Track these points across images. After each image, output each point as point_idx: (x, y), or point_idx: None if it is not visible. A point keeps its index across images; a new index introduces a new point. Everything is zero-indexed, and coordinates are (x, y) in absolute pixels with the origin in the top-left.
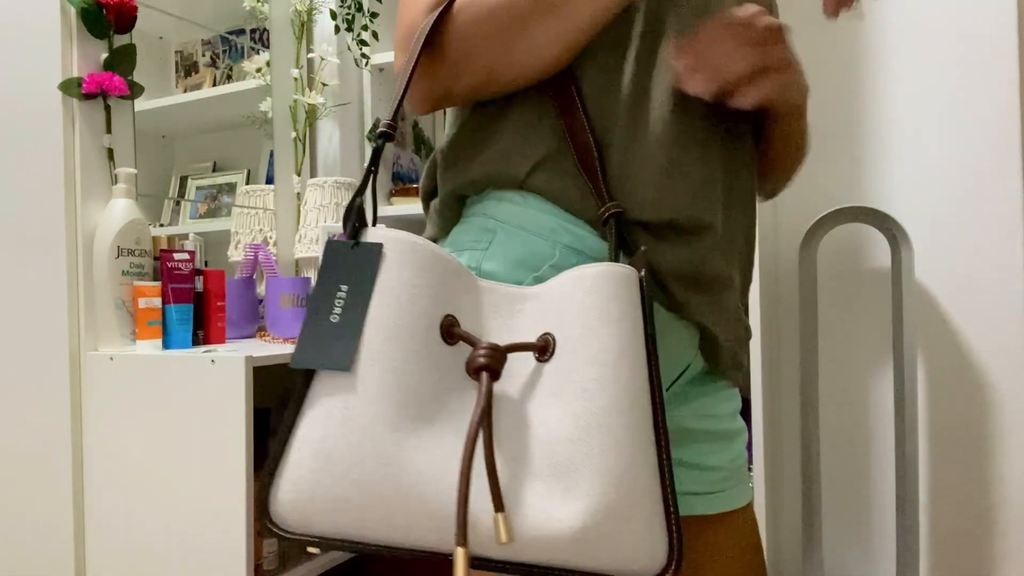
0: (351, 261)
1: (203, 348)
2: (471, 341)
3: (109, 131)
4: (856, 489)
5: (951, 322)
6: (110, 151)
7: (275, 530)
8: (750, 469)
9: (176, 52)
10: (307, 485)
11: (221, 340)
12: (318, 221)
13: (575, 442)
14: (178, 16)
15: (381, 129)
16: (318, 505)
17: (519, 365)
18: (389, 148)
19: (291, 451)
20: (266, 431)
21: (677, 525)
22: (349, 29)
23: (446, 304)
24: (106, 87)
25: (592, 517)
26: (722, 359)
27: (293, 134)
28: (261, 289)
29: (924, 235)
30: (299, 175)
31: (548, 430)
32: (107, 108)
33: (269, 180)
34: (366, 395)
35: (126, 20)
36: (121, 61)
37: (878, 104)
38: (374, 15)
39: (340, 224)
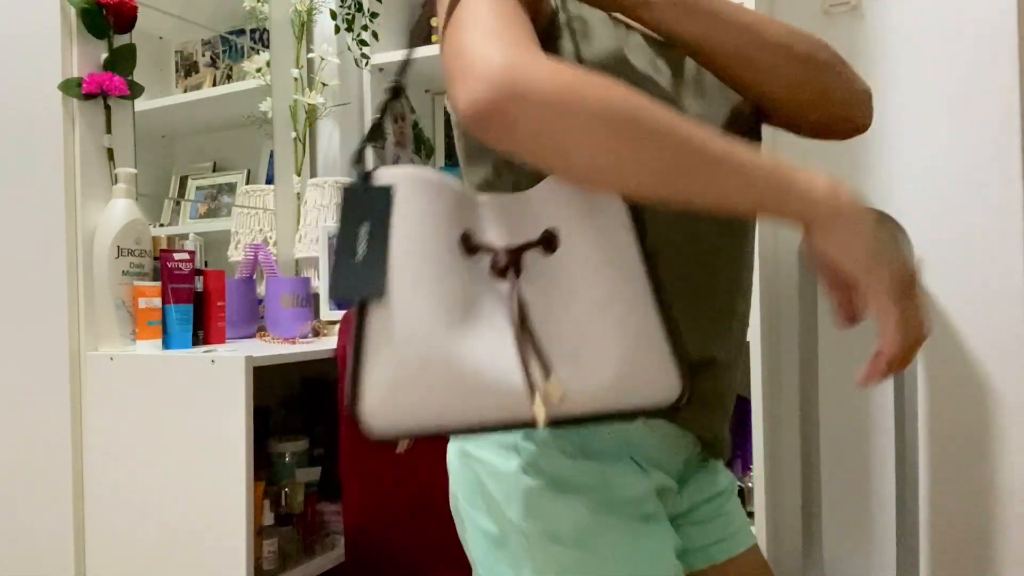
0: (366, 202)
1: (203, 348)
2: (489, 248)
3: (109, 131)
4: (856, 489)
5: (951, 322)
6: (110, 151)
7: (372, 436)
8: (750, 469)
9: (176, 52)
10: (390, 398)
11: (221, 340)
12: (318, 221)
13: (595, 318)
14: (178, 16)
15: (390, 85)
16: (402, 409)
17: (530, 261)
18: (389, 148)
19: (366, 376)
20: (266, 431)
21: (683, 363)
22: (349, 29)
23: (459, 222)
24: (106, 87)
25: (621, 367)
26: (719, 449)
27: (293, 134)
28: (261, 289)
29: (924, 235)
30: (299, 175)
31: (558, 319)
32: (107, 108)
33: (269, 180)
34: (418, 312)
35: (126, 20)
36: (121, 61)
37: (878, 104)
38: (374, 15)
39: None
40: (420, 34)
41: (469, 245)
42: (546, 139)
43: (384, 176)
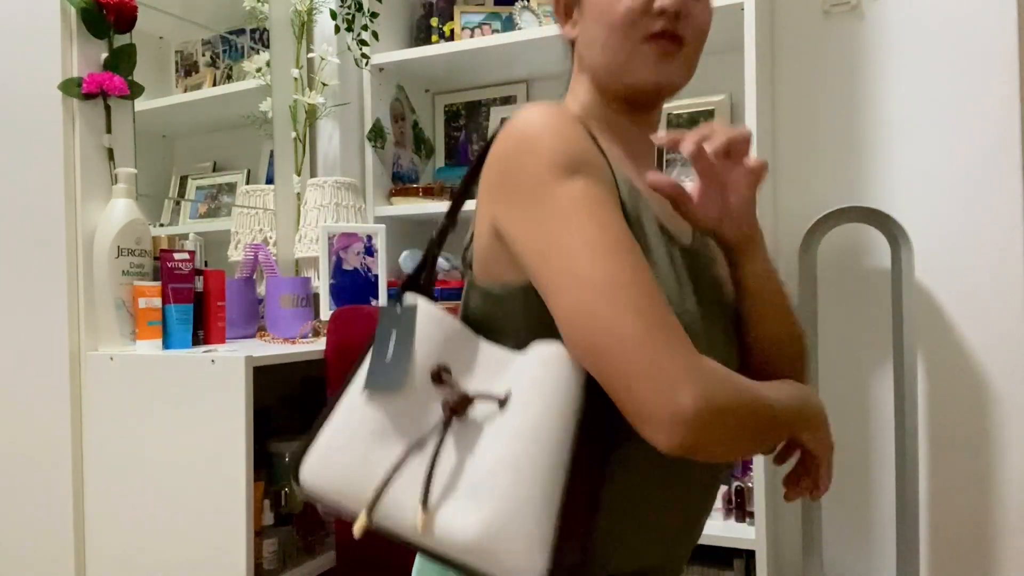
0: (396, 318)
1: (203, 348)
2: (450, 385)
3: (109, 131)
4: (856, 489)
5: (951, 322)
6: (110, 151)
7: (298, 488)
8: (750, 469)
9: (176, 52)
10: (317, 469)
11: (221, 340)
12: (318, 221)
13: (491, 472)
14: (178, 16)
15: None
16: (327, 478)
17: (487, 410)
18: (389, 148)
19: (317, 439)
20: (266, 431)
21: (558, 553)
22: (349, 29)
23: (442, 356)
24: (106, 87)
25: (485, 531)
26: None
27: (293, 134)
28: (261, 289)
29: (924, 235)
30: (299, 175)
31: (482, 460)
32: (107, 108)
33: (269, 180)
34: (369, 413)
35: (126, 20)
36: (121, 61)
37: (878, 104)
38: (374, 15)
39: (340, 224)
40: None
41: (439, 377)
42: (724, 446)
43: (411, 299)
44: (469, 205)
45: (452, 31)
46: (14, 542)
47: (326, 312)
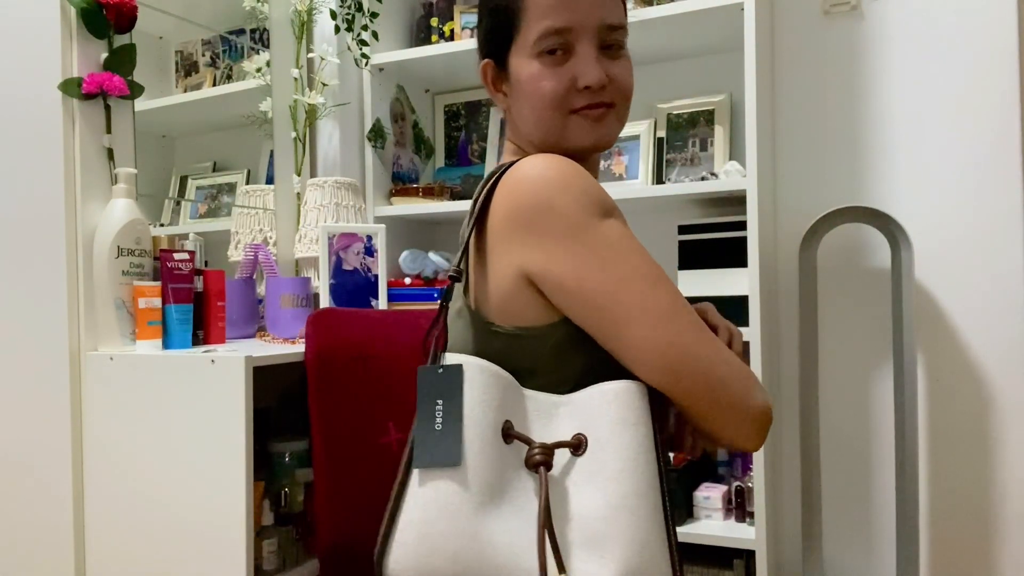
0: (440, 381)
1: (203, 348)
2: (526, 441)
3: (109, 131)
4: (856, 489)
5: (951, 322)
6: (110, 151)
7: None
8: (750, 469)
9: (176, 52)
10: (413, 559)
11: (221, 340)
12: (318, 221)
13: (607, 519)
14: (178, 16)
15: (451, 272)
16: (423, 569)
17: (559, 457)
18: (389, 148)
19: (397, 530)
20: (266, 431)
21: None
22: (349, 29)
23: (505, 412)
24: (106, 87)
25: (627, 567)
26: None
27: (293, 134)
28: (261, 289)
29: (924, 235)
30: (299, 175)
31: (585, 508)
32: (107, 108)
33: (269, 180)
34: (455, 488)
35: (126, 20)
36: (121, 61)
37: (878, 104)
38: (374, 15)
39: (340, 224)
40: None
41: (508, 434)
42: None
43: (453, 359)
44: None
45: (452, 31)
46: (14, 542)
47: None
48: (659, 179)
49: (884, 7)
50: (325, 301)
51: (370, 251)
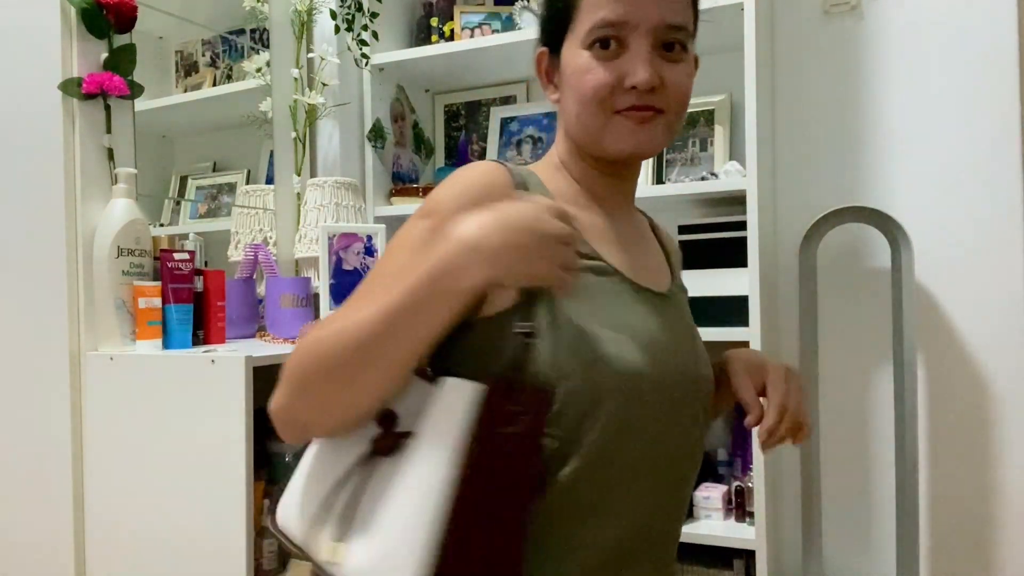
0: None
1: (203, 348)
2: (385, 426)
3: (109, 131)
4: (856, 489)
5: (951, 322)
6: (110, 151)
7: (273, 530)
8: (750, 469)
9: (176, 52)
10: (285, 505)
11: (221, 340)
12: (318, 221)
13: (387, 509)
14: (178, 16)
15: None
16: (288, 517)
17: (407, 447)
18: (390, 148)
19: (291, 480)
20: (266, 431)
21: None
22: (349, 29)
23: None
24: (106, 87)
25: (370, 559)
26: None
27: (293, 134)
28: (261, 289)
29: (924, 235)
30: (299, 175)
31: (395, 496)
32: (107, 108)
33: (269, 180)
34: (321, 456)
35: (126, 20)
36: (121, 61)
37: (878, 104)
38: (374, 15)
39: (340, 224)
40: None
41: (380, 420)
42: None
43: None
44: None
45: (452, 31)
46: (14, 542)
47: (326, 312)
48: (659, 179)
49: (884, 7)
50: (325, 301)
51: (370, 251)
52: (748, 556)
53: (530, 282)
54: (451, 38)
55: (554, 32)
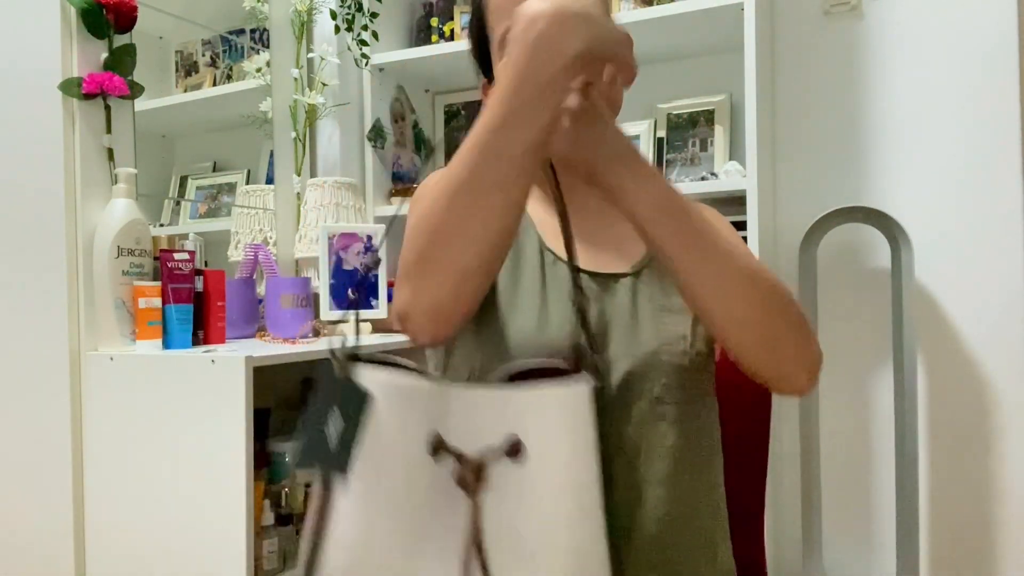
0: (343, 394)
1: (203, 348)
2: (457, 455)
3: (109, 131)
4: (856, 489)
5: (951, 322)
6: (110, 151)
7: None
8: None
9: (176, 52)
10: None
11: (221, 340)
12: (318, 221)
13: (545, 535)
14: (178, 16)
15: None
16: None
17: (494, 470)
18: (390, 148)
19: (327, 557)
20: (266, 431)
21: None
22: (349, 29)
23: (429, 421)
24: (106, 87)
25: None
26: None
27: (293, 134)
28: (261, 289)
29: (924, 235)
30: (299, 175)
31: (520, 525)
32: (107, 108)
33: (269, 180)
34: (380, 518)
35: (126, 20)
36: (121, 61)
37: (878, 104)
38: (374, 15)
39: (340, 224)
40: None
41: (435, 447)
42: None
43: (364, 378)
44: None
45: (452, 31)
46: (14, 542)
47: (326, 312)
48: None
49: (884, 7)
50: (325, 301)
51: (370, 251)
52: None
53: (616, 49)
54: (451, 38)
55: (483, 60)
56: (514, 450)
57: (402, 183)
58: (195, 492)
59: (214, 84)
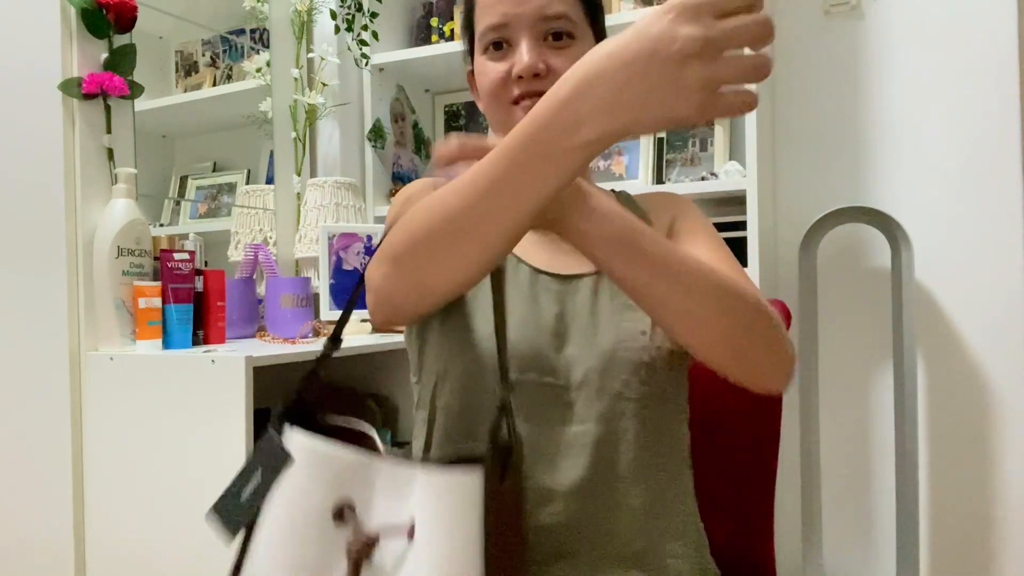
0: (269, 454)
1: (203, 348)
2: (352, 524)
3: (109, 131)
4: (856, 489)
5: (951, 322)
6: (110, 151)
7: None
8: None
9: (176, 52)
10: None
11: (221, 340)
12: (318, 221)
13: None
14: (178, 16)
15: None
16: None
17: (387, 545)
18: (389, 148)
19: None
20: (266, 431)
21: None
22: (349, 29)
23: (341, 490)
24: (106, 87)
25: None
26: None
27: (293, 134)
28: (261, 289)
29: (924, 235)
30: (299, 175)
31: None
32: (107, 108)
33: (269, 180)
34: (276, 570)
35: (126, 20)
36: (121, 61)
37: (878, 104)
38: (374, 15)
39: (340, 224)
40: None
41: (337, 512)
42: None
43: (290, 440)
44: None
45: (452, 31)
46: (14, 542)
47: (326, 312)
48: (659, 179)
49: (884, 7)
50: (325, 301)
51: (370, 251)
52: None
53: (672, 125)
54: (451, 38)
55: (469, 52)
56: (411, 531)
57: (402, 183)
58: (195, 492)
59: (214, 84)
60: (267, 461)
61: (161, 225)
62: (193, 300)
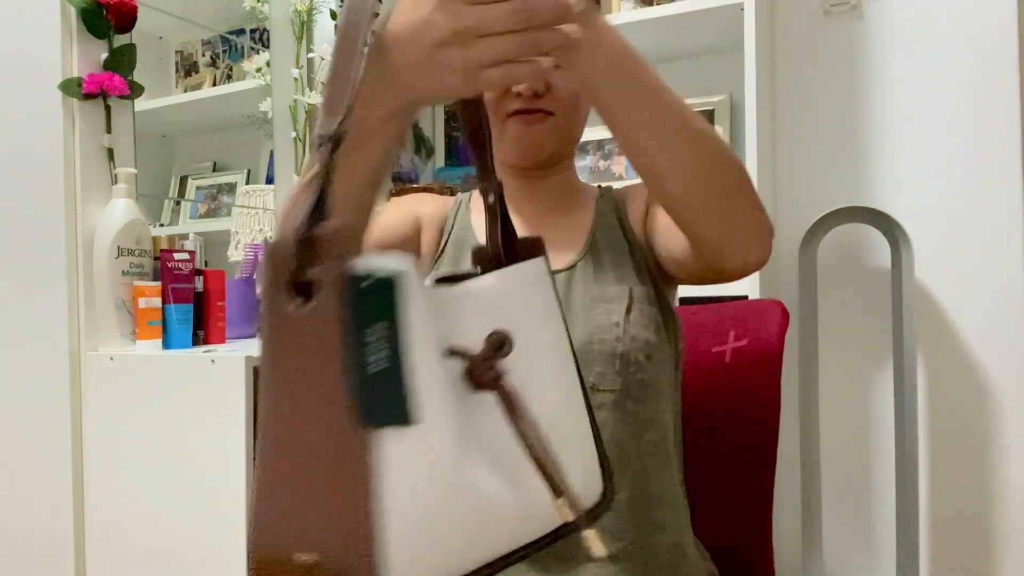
0: (371, 298)
1: (203, 348)
2: (464, 355)
3: (109, 131)
4: (856, 489)
5: (951, 322)
6: (110, 151)
7: None
8: None
9: (176, 52)
10: (418, 557)
11: (221, 340)
12: None
13: (560, 423)
14: (178, 16)
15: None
16: (430, 565)
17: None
18: None
19: (388, 530)
20: None
21: (605, 466)
22: None
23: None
24: (106, 87)
25: (584, 484)
26: None
27: (293, 134)
28: None
29: (924, 235)
30: (299, 175)
31: (539, 408)
32: (107, 108)
33: (269, 180)
34: (440, 447)
35: (126, 20)
36: (121, 61)
37: (878, 104)
38: (375, 15)
39: None
40: None
41: (452, 350)
42: None
43: (379, 265)
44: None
45: None
46: (14, 542)
47: None
48: None
49: (884, 7)
50: None
51: None
52: None
53: (451, 99)
54: None
55: None
56: (499, 345)
57: (402, 183)
58: (195, 492)
59: (214, 84)
60: (373, 306)
61: (161, 225)
62: (193, 300)
